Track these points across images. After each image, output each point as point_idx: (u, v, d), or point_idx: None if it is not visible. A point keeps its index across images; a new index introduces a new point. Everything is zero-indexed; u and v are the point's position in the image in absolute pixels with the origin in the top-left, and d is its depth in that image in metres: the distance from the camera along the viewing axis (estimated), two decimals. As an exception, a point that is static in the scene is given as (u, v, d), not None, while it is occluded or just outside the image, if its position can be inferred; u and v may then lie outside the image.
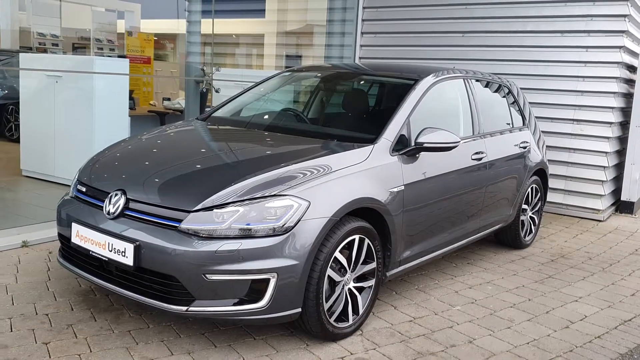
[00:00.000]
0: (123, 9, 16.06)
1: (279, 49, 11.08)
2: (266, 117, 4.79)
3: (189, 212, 3.06)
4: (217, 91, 6.46)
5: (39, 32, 13.99)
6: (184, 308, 3.03)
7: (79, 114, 6.33)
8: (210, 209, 3.06)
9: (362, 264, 3.51)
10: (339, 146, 3.73)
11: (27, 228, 4.89)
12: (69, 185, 6.35)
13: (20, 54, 7.56)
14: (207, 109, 7.25)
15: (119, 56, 14.56)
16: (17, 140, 9.01)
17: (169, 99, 13.26)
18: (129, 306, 3.69)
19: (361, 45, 8.44)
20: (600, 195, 7.01)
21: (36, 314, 3.51)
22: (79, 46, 15.22)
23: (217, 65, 6.64)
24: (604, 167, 6.94)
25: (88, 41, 15.05)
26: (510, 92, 5.62)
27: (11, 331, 3.27)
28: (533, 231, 5.78)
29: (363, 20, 8.40)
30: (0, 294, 3.75)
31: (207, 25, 6.95)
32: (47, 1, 14.39)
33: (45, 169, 6.67)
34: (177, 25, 16.43)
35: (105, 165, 3.76)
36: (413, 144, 3.88)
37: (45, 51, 13.61)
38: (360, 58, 8.43)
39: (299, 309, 3.16)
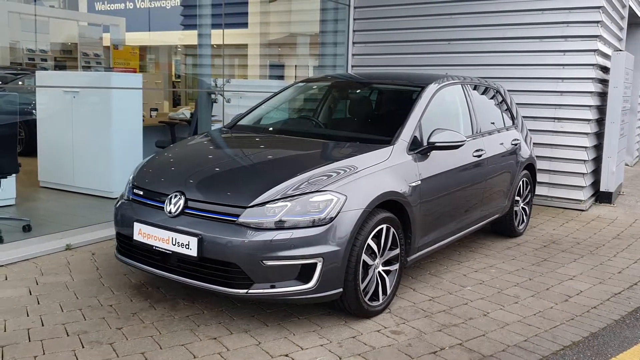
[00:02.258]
0: (108, 23, 16.38)
1: (276, 59, 11.61)
2: (292, 123, 5.27)
3: (245, 207, 3.52)
4: (228, 101, 6.91)
5: (28, 48, 14.26)
6: (244, 291, 3.48)
7: (97, 127, 6.72)
8: (263, 204, 3.53)
9: (388, 250, 4.00)
10: (364, 148, 4.22)
11: (66, 233, 5.27)
12: (89, 195, 6.79)
13: (37, 72, 7.89)
14: (213, 118, 7.70)
15: (105, 69, 14.87)
16: (22, 154, 9.33)
17: (156, 110, 13.62)
18: (181, 296, 4.12)
19: (353, 54, 8.96)
20: (582, 187, 7.62)
21: (101, 305, 3.93)
22: (64, 60, 15.49)
23: (227, 77, 7.07)
24: (584, 160, 7.55)
25: (75, 55, 15.30)
26: (499, 94, 6.18)
27: (85, 320, 3.69)
28: (525, 221, 6.34)
29: (354, 31, 8.93)
30: (63, 290, 4.16)
31: (217, 38, 7.38)
32: (34, 17, 14.62)
33: (64, 180, 7.02)
34: (162, 37, 16.82)
35: (159, 170, 4.20)
36: (425, 143, 4.39)
37: (34, 66, 13.85)
38: (352, 66, 8.95)
39: (341, 289, 3.64)
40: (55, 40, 15.45)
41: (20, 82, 10.02)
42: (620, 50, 8.48)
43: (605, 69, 8.01)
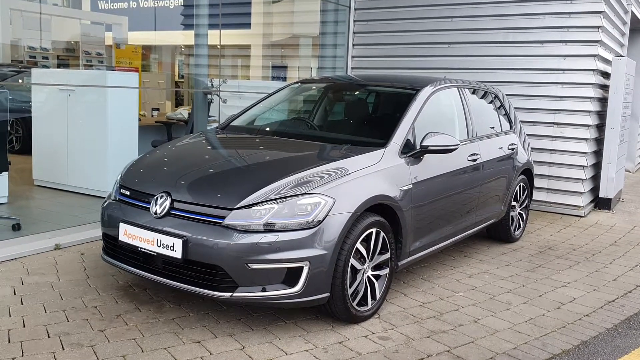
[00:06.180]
0: (111, 22, 16.37)
1: (278, 60, 11.59)
2: (285, 125, 5.22)
3: (231, 209, 3.47)
4: (224, 101, 6.86)
5: (29, 45, 14.24)
6: (229, 294, 3.43)
7: (92, 126, 6.67)
8: (249, 206, 3.48)
9: (378, 254, 3.94)
10: (355, 150, 4.17)
11: (56, 232, 5.22)
12: (83, 194, 6.75)
13: (33, 70, 7.86)
14: (210, 118, 7.65)
15: (107, 68, 14.84)
16: (19, 152, 9.31)
17: (157, 110, 13.57)
18: (167, 298, 4.07)
19: (353, 56, 8.91)
20: (581, 193, 7.55)
21: (85, 306, 3.87)
22: (66, 58, 15.47)
23: (224, 77, 7.03)
24: (584, 166, 7.47)
25: (77, 54, 15.28)
26: (497, 98, 6.11)
27: (68, 321, 3.64)
28: (521, 226, 6.27)
29: (354, 32, 8.88)
30: (48, 290, 4.11)
31: (214, 38, 7.34)
32: (36, 15, 14.62)
33: (59, 179, 6.98)
34: (165, 37, 16.81)
35: (146, 170, 4.15)
36: (418, 147, 4.34)
37: (36, 64, 13.83)
38: (352, 68, 8.89)
39: (328, 294, 3.58)
40: (57, 39, 15.43)
41: (20, 80, 10.01)
42: (622, 56, 8.41)
43: (606, 75, 7.94)
